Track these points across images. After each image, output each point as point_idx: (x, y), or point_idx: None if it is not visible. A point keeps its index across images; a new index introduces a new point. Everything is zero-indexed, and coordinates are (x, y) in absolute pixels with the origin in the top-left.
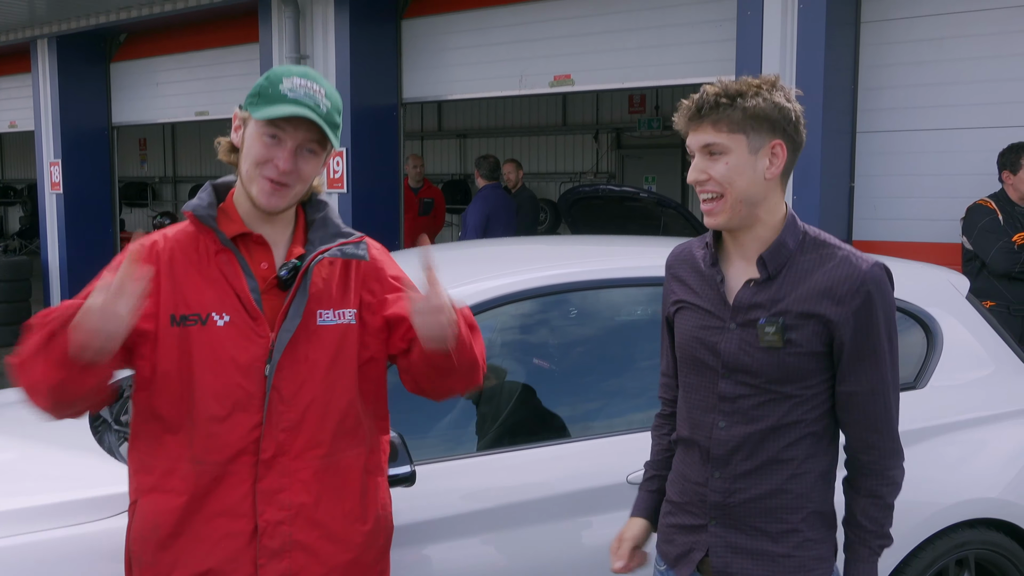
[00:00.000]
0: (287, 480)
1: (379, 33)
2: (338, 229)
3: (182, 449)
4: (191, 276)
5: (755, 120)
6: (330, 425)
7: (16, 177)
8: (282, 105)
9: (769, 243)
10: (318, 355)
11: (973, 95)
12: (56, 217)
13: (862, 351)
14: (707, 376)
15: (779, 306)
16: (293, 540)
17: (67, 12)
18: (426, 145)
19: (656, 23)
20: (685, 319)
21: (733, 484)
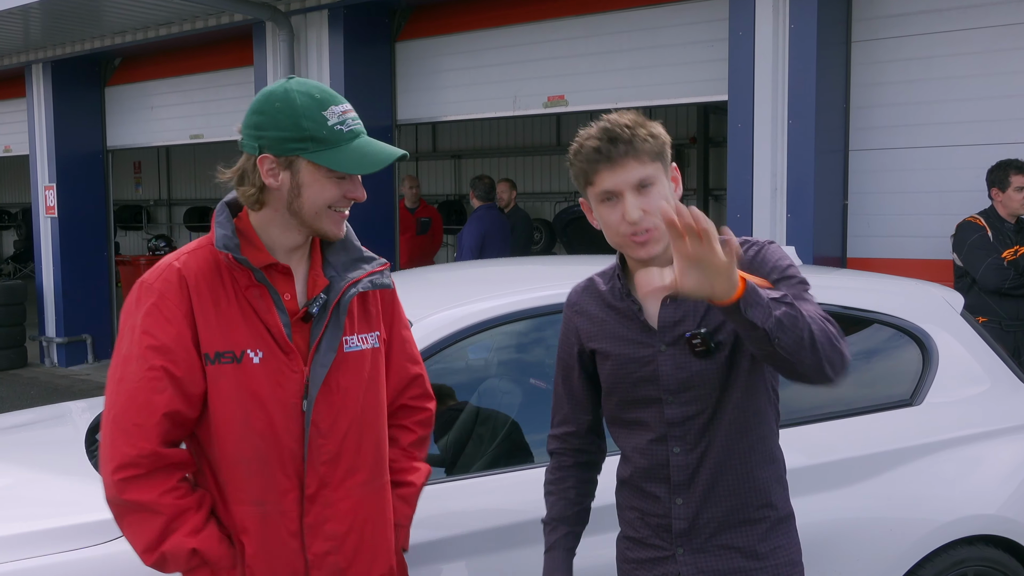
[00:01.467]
0: (330, 511)
1: (373, 56)
2: (359, 253)
3: (239, 492)
4: (222, 311)
5: (662, 148)
6: (367, 451)
7: (11, 201)
8: (352, 147)
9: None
10: (350, 382)
11: (964, 113)
12: (51, 241)
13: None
14: (651, 408)
15: (698, 312)
16: (340, 569)
17: (62, 37)
18: (421, 166)
19: (648, 44)
20: (611, 363)
21: (699, 507)
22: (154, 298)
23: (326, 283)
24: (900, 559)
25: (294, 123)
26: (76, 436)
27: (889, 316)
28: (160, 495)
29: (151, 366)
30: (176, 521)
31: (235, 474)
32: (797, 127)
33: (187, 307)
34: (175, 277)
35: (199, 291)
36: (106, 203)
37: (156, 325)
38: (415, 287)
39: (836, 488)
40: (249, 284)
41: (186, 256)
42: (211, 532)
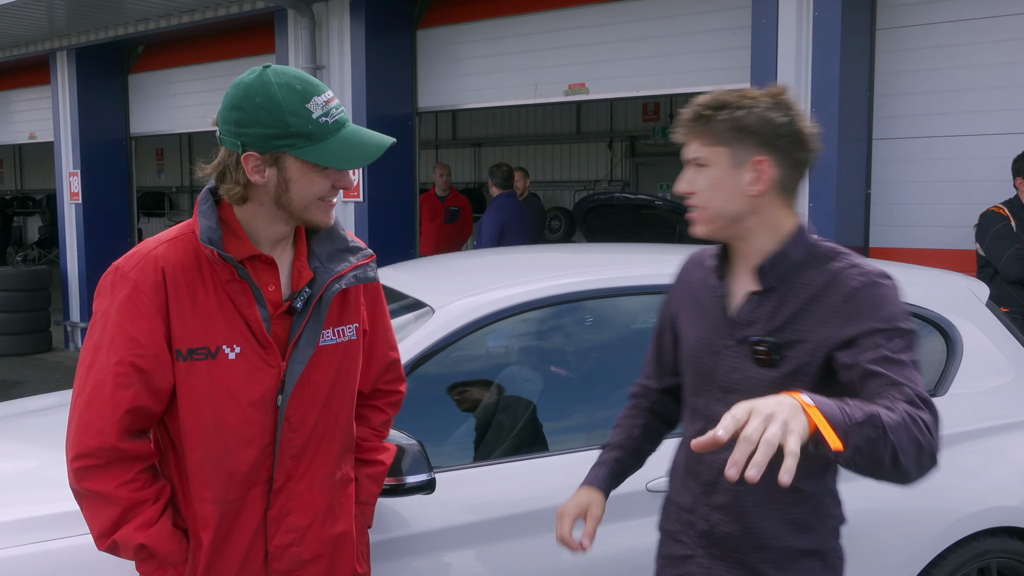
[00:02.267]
0: (293, 504)
1: (394, 43)
2: (345, 243)
3: (202, 490)
4: (198, 305)
5: (738, 133)
6: (333, 443)
7: (35, 187)
8: (339, 139)
9: (770, 254)
10: (321, 376)
11: (989, 101)
12: (75, 227)
13: (866, 360)
14: (704, 396)
15: (776, 319)
16: (301, 560)
17: (86, 24)
18: (441, 154)
19: (670, 31)
20: (686, 342)
21: (722, 513)
22: (128, 289)
23: (311, 276)
24: (922, 550)
25: (278, 120)
26: None
27: (912, 306)
28: (116, 487)
29: (120, 360)
30: (130, 512)
31: (201, 471)
32: (820, 115)
33: (161, 301)
34: (152, 268)
35: (176, 284)
36: (129, 189)
37: (128, 318)
38: (436, 274)
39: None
40: (230, 279)
41: (165, 245)
42: (162, 527)
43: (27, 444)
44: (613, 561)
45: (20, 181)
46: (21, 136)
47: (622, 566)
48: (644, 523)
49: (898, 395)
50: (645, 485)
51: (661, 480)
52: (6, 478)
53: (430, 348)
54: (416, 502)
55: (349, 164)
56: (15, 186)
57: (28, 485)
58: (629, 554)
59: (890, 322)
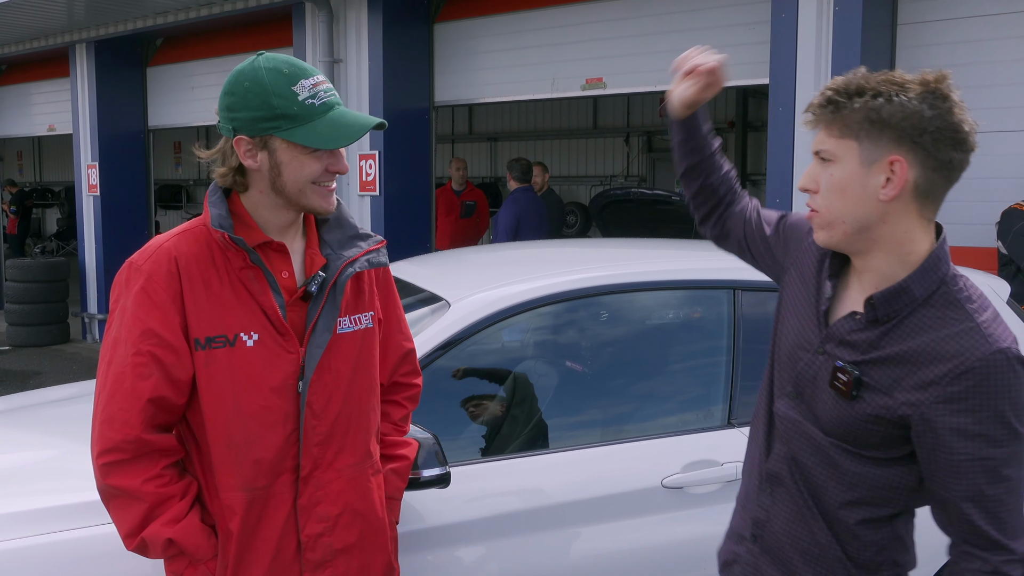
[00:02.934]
0: (322, 493)
1: (412, 37)
2: (355, 230)
3: (228, 478)
4: (213, 294)
5: (873, 125)
6: (357, 432)
7: (54, 179)
8: (325, 121)
9: (891, 281)
10: (341, 364)
11: (1011, 98)
12: (93, 219)
13: (954, 451)
14: (778, 382)
15: (871, 355)
16: (334, 549)
17: (105, 17)
18: (457, 148)
19: (689, 26)
20: (788, 309)
21: (780, 507)
22: (142, 281)
23: (323, 262)
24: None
25: (264, 102)
26: None
27: None
28: (143, 482)
29: (138, 351)
30: (158, 509)
31: (225, 460)
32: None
33: (176, 291)
34: (165, 259)
35: (189, 274)
36: (147, 182)
37: (144, 309)
38: (452, 268)
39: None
40: (243, 265)
41: (177, 237)
42: (190, 522)
43: (45, 434)
44: (628, 557)
45: (39, 173)
46: (40, 128)
47: (637, 562)
48: (659, 519)
49: None
50: (660, 481)
51: (676, 476)
52: (25, 468)
53: (446, 342)
54: (431, 496)
55: (332, 144)
56: (34, 178)
57: (47, 475)
58: (644, 550)
59: (1007, 425)
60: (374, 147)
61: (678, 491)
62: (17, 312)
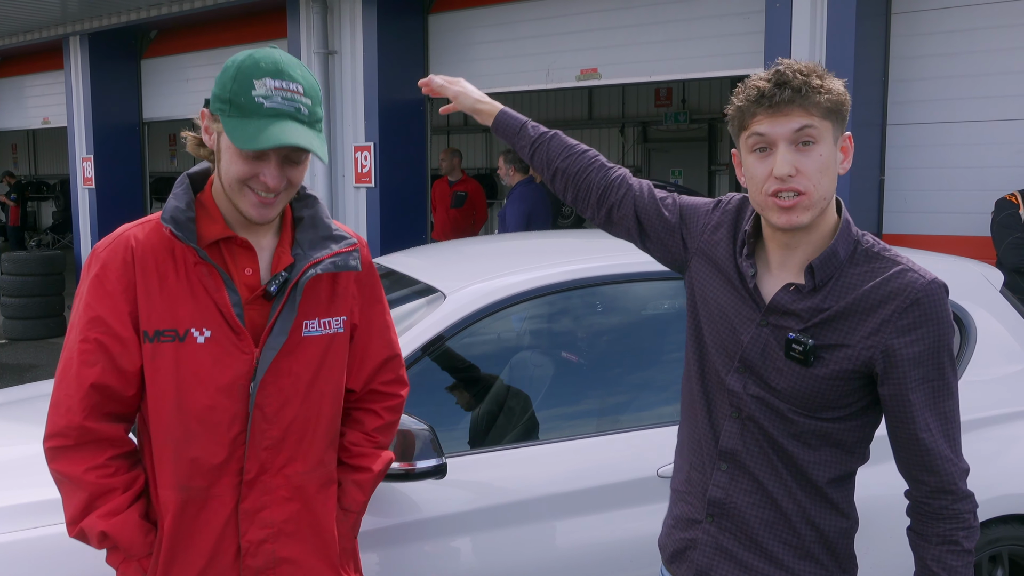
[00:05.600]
0: (268, 498)
1: (406, 28)
2: (328, 231)
3: (165, 476)
4: (167, 287)
5: (839, 107)
6: (313, 440)
7: (49, 172)
8: (260, 123)
9: (818, 250)
10: (301, 368)
11: (1006, 86)
12: (88, 211)
13: (914, 380)
14: (720, 360)
15: (817, 318)
16: (277, 557)
17: (99, 9)
18: (453, 139)
19: (683, 16)
20: (710, 291)
21: (738, 482)
22: (97, 268)
23: (290, 261)
24: None
25: (225, 82)
26: None
27: None
28: (85, 471)
29: (84, 338)
30: (98, 500)
31: (163, 455)
32: None
33: (128, 281)
34: (121, 248)
35: (145, 265)
36: (142, 175)
37: (95, 296)
38: (448, 260)
39: (873, 464)
40: (197, 261)
41: (140, 226)
42: (127, 517)
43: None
44: (624, 546)
45: (34, 166)
46: (35, 121)
47: (633, 551)
48: (654, 509)
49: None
50: (656, 471)
51: (671, 466)
52: (20, 461)
53: (441, 333)
54: (427, 487)
55: (238, 141)
56: (29, 171)
57: (41, 469)
58: (639, 540)
59: (944, 338)
60: (369, 139)
61: None
62: (13, 306)
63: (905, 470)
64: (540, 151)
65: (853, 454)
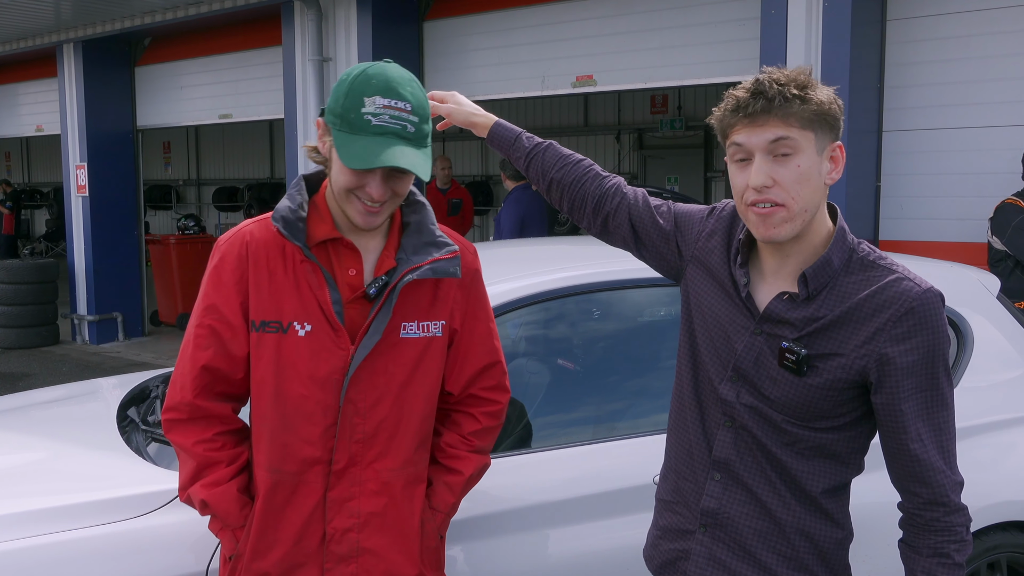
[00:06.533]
0: (356, 489)
1: (401, 35)
2: (432, 238)
3: (260, 457)
4: (276, 281)
5: (822, 117)
6: (404, 438)
7: (42, 180)
8: (367, 141)
9: (813, 258)
10: (396, 368)
11: (1001, 93)
12: (82, 219)
13: (907, 390)
14: (713, 369)
15: (810, 327)
16: (361, 547)
17: (92, 17)
18: (448, 146)
19: (679, 22)
20: (704, 297)
21: (732, 492)
22: (216, 260)
23: (392, 265)
24: None
25: (338, 96)
26: (107, 412)
27: None
28: (194, 443)
29: (200, 323)
30: (205, 470)
31: (260, 438)
32: None
33: (241, 273)
34: (238, 243)
35: (257, 260)
36: (136, 182)
37: (212, 286)
38: None
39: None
40: (303, 259)
41: (258, 223)
42: (227, 489)
43: (34, 436)
44: (619, 555)
45: (27, 174)
46: (28, 129)
47: (628, 560)
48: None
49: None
50: (652, 479)
51: None
52: (13, 470)
53: None
54: None
55: (346, 159)
56: (22, 179)
57: (34, 477)
58: (635, 548)
59: (939, 348)
60: None
61: None
62: (6, 314)
63: (897, 481)
64: (535, 162)
65: (847, 465)
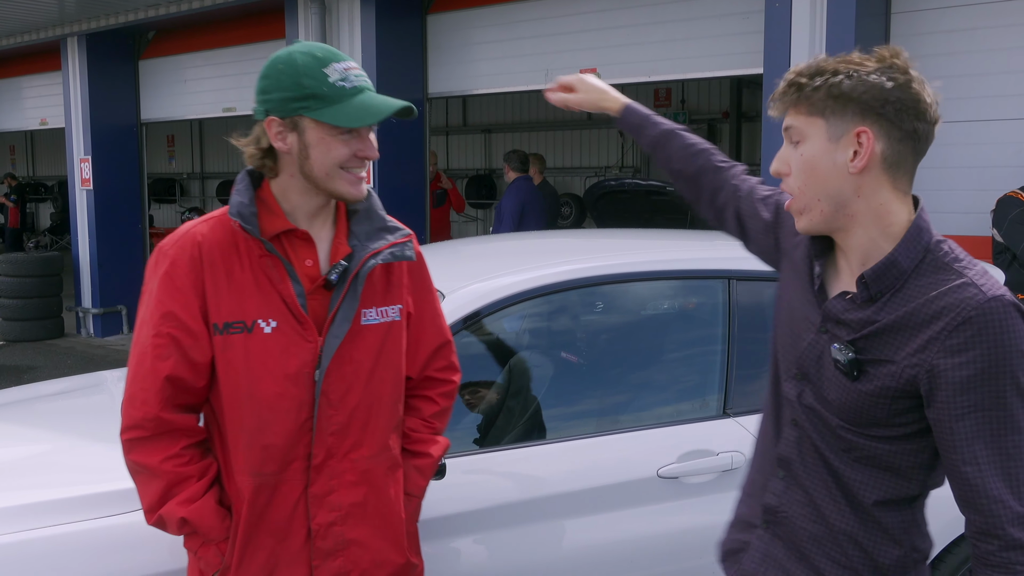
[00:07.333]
0: (335, 482)
1: (405, 28)
2: (383, 223)
3: (239, 463)
4: (235, 281)
5: (836, 101)
6: (377, 425)
7: (47, 174)
8: (355, 103)
9: (876, 257)
10: (362, 356)
11: (1005, 86)
12: (86, 213)
13: (961, 407)
14: (783, 365)
15: (866, 330)
16: (346, 539)
17: (96, 10)
18: (451, 140)
19: (682, 16)
20: (785, 287)
21: (792, 492)
22: (167, 265)
23: (348, 251)
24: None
25: (296, 82)
26: (111, 404)
27: None
28: (162, 460)
29: (158, 332)
30: (175, 488)
31: (237, 444)
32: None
33: (197, 276)
34: (189, 245)
35: (212, 261)
36: (140, 176)
37: (166, 292)
38: (446, 259)
39: None
40: (262, 254)
41: (205, 224)
42: (205, 503)
43: (39, 429)
44: (624, 547)
45: (32, 167)
46: (32, 122)
47: (633, 552)
48: (655, 509)
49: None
50: (656, 471)
51: (671, 466)
52: (18, 462)
53: None
54: None
55: (358, 121)
56: (27, 172)
57: (39, 470)
58: (640, 540)
59: (1004, 363)
60: None
61: (673, 481)
62: (11, 307)
63: (957, 504)
64: (658, 152)
65: (908, 479)
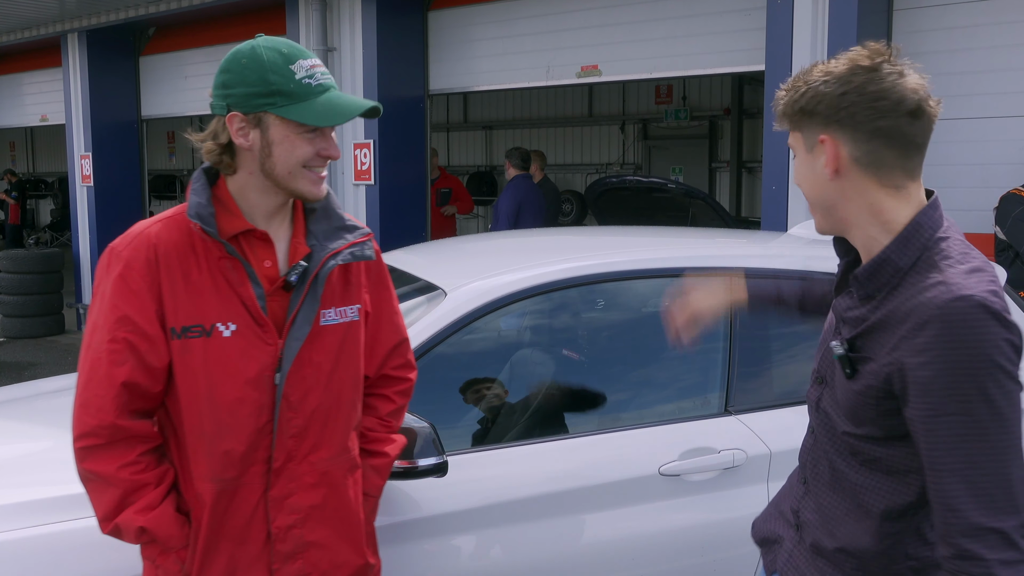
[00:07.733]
0: (295, 484)
1: (406, 25)
2: (341, 222)
3: (200, 469)
4: (192, 283)
5: (801, 114)
6: (336, 427)
7: (47, 170)
8: (322, 101)
9: (873, 255)
10: (321, 358)
11: (1008, 83)
12: (87, 209)
13: (925, 409)
14: (817, 358)
15: (861, 328)
16: (305, 541)
17: (97, 6)
18: (452, 137)
19: (684, 12)
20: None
21: (809, 499)
22: (120, 267)
23: (307, 251)
24: None
25: (261, 78)
26: None
27: None
28: (118, 468)
29: (113, 337)
30: (132, 496)
31: (197, 449)
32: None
33: (153, 279)
34: (144, 246)
35: (168, 263)
36: (140, 172)
37: (120, 296)
38: (448, 257)
39: None
40: (221, 255)
41: (159, 224)
42: (163, 511)
43: (39, 425)
44: (625, 545)
45: (32, 164)
46: (33, 119)
47: (635, 550)
48: (656, 507)
49: None
50: (657, 469)
51: (673, 464)
52: (19, 459)
53: (442, 331)
54: (428, 485)
55: (326, 120)
56: (27, 169)
57: (40, 467)
58: (641, 538)
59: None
60: (369, 136)
61: (675, 479)
62: (11, 303)
63: None
64: None
65: (908, 485)
